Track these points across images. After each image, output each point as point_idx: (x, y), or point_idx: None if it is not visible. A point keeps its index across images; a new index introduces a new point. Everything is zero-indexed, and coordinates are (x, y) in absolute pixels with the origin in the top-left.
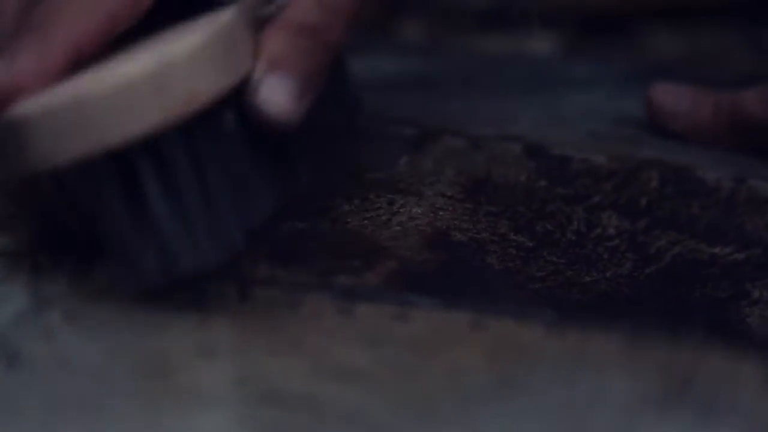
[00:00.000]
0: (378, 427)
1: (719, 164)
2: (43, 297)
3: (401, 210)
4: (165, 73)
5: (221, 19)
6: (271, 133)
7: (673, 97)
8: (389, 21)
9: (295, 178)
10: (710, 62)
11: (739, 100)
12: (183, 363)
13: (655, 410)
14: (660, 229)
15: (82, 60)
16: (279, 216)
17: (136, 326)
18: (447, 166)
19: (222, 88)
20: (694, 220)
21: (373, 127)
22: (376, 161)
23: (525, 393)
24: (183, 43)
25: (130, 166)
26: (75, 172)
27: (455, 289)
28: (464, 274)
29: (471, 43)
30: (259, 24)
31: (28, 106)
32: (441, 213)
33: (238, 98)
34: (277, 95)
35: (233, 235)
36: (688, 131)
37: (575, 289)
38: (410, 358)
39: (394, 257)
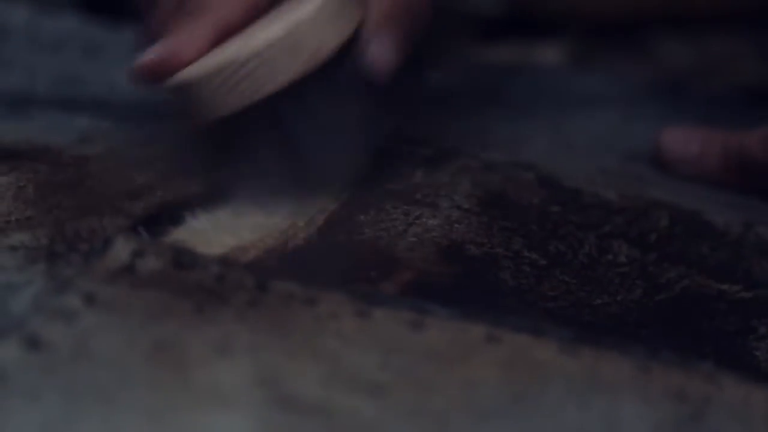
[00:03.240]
0: None
1: (728, 209)
2: (62, 280)
3: (417, 221)
4: (297, 33)
5: None
6: (375, 81)
7: (682, 143)
8: None
9: (382, 126)
10: (720, 71)
11: (744, 143)
12: (200, 357)
13: None
14: (669, 262)
15: (230, 33)
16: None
17: (154, 310)
18: (462, 180)
19: (338, 43)
20: (702, 259)
21: (387, 145)
22: (392, 173)
23: (538, 413)
24: (307, 7)
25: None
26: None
27: (470, 302)
28: (479, 288)
29: (478, 52)
30: None
31: (190, 72)
32: (456, 226)
33: (347, 53)
34: (383, 48)
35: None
36: (698, 175)
37: (586, 309)
38: (425, 370)
39: (409, 268)
